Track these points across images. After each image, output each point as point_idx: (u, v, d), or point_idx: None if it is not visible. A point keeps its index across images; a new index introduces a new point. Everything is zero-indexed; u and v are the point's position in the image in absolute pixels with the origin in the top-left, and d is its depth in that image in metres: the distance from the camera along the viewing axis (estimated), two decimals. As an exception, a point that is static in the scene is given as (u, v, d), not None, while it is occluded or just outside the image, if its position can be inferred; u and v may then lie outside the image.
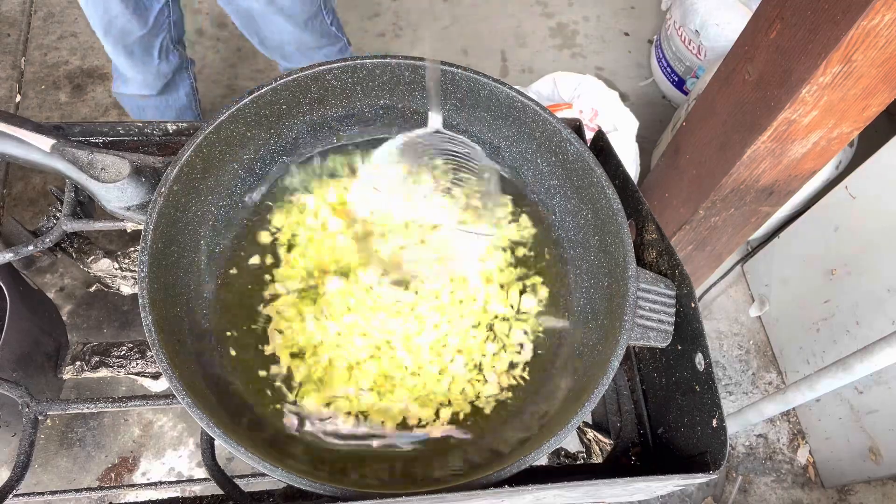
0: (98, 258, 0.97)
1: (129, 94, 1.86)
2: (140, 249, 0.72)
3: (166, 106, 1.92)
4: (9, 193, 2.17)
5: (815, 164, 1.16)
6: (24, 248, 0.87)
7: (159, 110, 1.92)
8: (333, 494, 0.65)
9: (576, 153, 0.85)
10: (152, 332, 0.69)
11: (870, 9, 0.80)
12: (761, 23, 1.02)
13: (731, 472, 1.98)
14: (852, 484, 1.89)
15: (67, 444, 1.82)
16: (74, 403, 0.84)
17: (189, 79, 1.95)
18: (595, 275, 0.86)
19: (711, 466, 0.71)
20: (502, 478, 0.68)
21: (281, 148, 0.90)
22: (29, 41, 2.52)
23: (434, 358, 0.85)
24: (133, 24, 1.61)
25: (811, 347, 1.93)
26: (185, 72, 1.92)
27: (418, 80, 0.89)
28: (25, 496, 0.86)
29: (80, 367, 0.95)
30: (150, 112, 1.92)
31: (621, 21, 2.86)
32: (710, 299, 2.22)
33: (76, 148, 0.78)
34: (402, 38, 2.70)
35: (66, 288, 2.03)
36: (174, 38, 1.78)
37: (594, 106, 1.89)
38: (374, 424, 0.80)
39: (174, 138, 0.94)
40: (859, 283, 1.73)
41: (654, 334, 0.78)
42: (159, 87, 1.83)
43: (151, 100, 1.88)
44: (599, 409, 0.94)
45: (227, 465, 1.73)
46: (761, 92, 1.04)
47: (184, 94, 1.94)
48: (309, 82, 0.85)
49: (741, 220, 1.35)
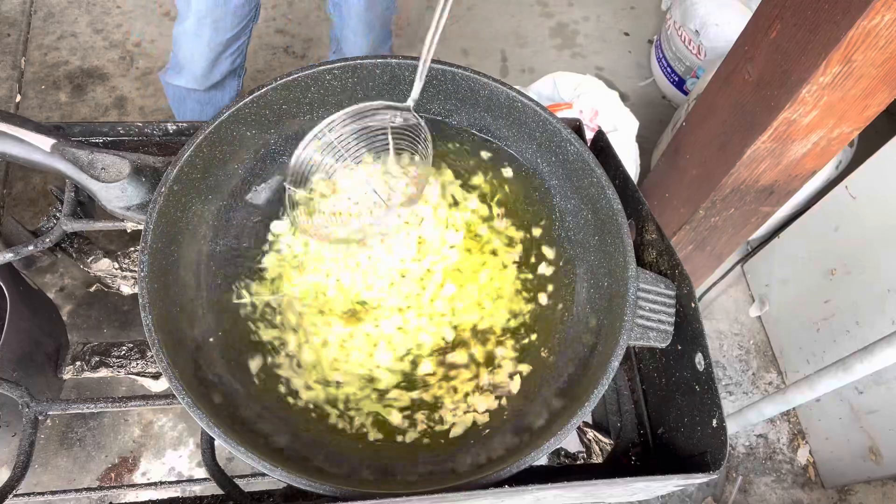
0: (98, 258, 0.97)
1: (178, 85, 1.86)
2: (140, 249, 0.72)
3: (208, 101, 1.92)
4: (9, 193, 2.17)
5: (815, 164, 1.16)
6: (24, 248, 0.87)
7: (200, 104, 1.92)
8: (333, 494, 0.65)
9: (576, 153, 0.85)
10: (152, 332, 0.69)
11: (870, 9, 0.80)
12: (761, 23, 1.02)
13: (731, 472, 1.98)
14: (852, 484, 1.89)
15: (67, 444, 1.82)
16: (74, 403, 0.84)
17: (238, 86, 1.96)
18: (595, 275, 0.86)
19: (711, 466, 0.71)
20: (502, 478, 0.68)
21: (281, 148, 0.90)
22: (29, 41, 2.52)
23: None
24: (228, 22, 1.65)
25: (811, 347, 1.93)
26: (237, 79, 1.94)
27: (418, 80, 0.89)
28: (25, 496, 0.86)
29: (80, 367, 0.95)
30: (191, 104, 1.92)
31: (621, 21, 2.86)
32: (710, 299, 2.22)
33: (76, 148, 0.78)
34: (402, 38, 2.70)
35: (66, 288, 2.03)
36: (247, 44, 1.81)
37: (594, 106, 1.89)
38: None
39: (174, 138, 0.94)
40: (859, 283, 1.73)
41: (654, 334, 0.78)
42: (208, 85, 1.84)
43: (196, 94, 1.88)
44: (599, 409, 0.94)
45: (227, 465, 1.73)
46: (761, 92, 1.04)
47: (228, 97, 1.95)
48: (309, 82, 0.85)
49: (741, 220, 1.34)
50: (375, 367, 0.85)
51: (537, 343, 0.88)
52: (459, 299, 0.89)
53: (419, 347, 0.86)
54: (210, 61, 1.75)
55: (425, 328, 0.87)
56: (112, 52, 2.53)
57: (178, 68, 1.80)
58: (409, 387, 0.84)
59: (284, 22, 2.69)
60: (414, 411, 0.82)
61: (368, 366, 0.85)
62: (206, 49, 1.71)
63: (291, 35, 2.66)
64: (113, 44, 2.54)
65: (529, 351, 0.87)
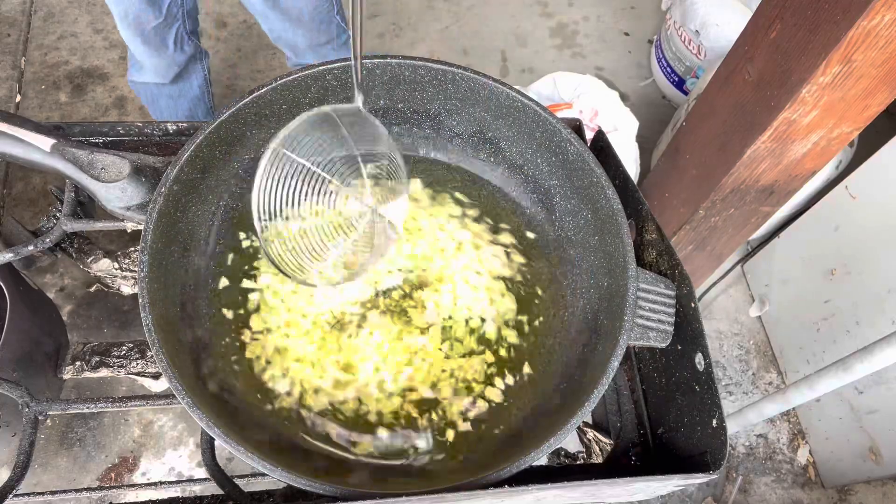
0: (98, 258, 0.97)
1: (144, 83, 1.88)
2: (140, 249, 0.72)
3: (179, 94, 1.93)
4: (9, 193, 2.17)
5: (815, 164, 1.16)
6: (24, 248, 0.87)
7: (172, 99, 1.93)
8: (333, 494, 0.65)
9: (576, 153, 0.85)
10: (152, 332, 0.69)
11: (870, 9, 0.80)
12: (761, 23, 1.02)
13: (731, 472, 1.98)
14: (852, 484, 1.89)
15: (67, 444, 1.82)
16: (74, 403, 0.84)
17: (203, 70, 1.97)
18: (595, 275, 0.86)
19: (711, 466, 0.71)
20: (502, 478, 0.68)
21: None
22: (29, 41, 2.52)
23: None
24: (148, 13, 1.64)
25: (811, 347, 1.93)
26: (199, 63, 1.94)
27: (418, 80, 0.89)
28: (25, 496, 0.86)
29: (80, 367, 0.95)
30: (164, 101, 1.93)
31: (621, 21, 2.86)
32: (710, 299, 2.22)
33: (76, 148, 0.78)
34: (402, 38, 2.70)
35: (66, 288, 2.02)
36: (188, 28, 1.80)
37: (594, 106, 1.89)
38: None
39: (174, 138, 0.94)
40: (859, 283, 1.73)
41: (654, 334, 0.78)
42: (172, 76, 1.85)
43: (165, 88, 1.89)
44: (599, 409, 0.94)
45: (227, 465, 1.73)
46: (761, 92, 1.04)
47: (196, 85, 1.96)
48: (309, 82, 0.85)
49: (741, 220, 1.34)
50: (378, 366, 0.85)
51: (538, 343, 0.88)
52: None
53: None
54: (156, 51, 1.75)
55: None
56: (112, 52, 2.53)
57: (137, 66, 1.83)
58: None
59: (284, 22, 2.69)
60: (421, 412, 0.82)
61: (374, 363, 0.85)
62: (140, 44, 1.71)
63: (291, 35, 2.66)
64: (113, 44, 2.54)
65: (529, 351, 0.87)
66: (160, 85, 1.88)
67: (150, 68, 1.81)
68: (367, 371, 0.84)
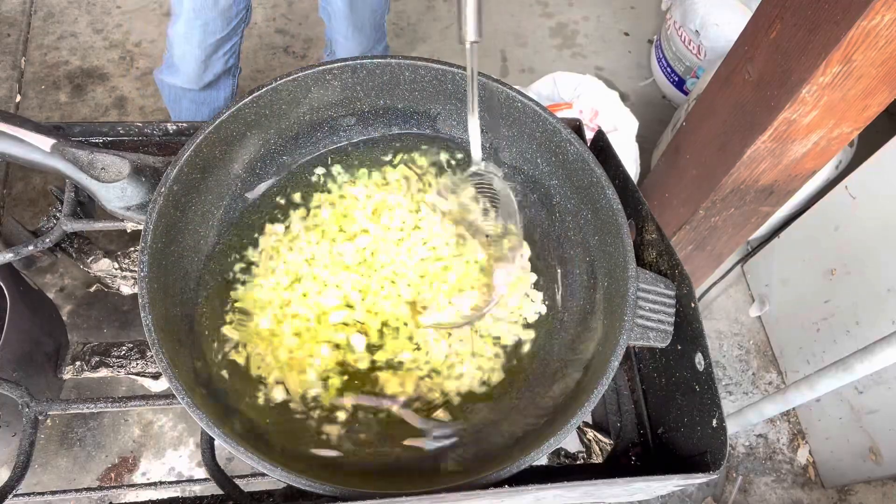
0: (98, 258, 0.97)
1: (172, 84, 1.87)
2: (140, 249, 0.72)
3: (203, 101, 1.92)
4: (9, 193, 2.17)
5: (815, 164, 1.16)
6: (24, 248, 0.87)
7: (195, 104, 1.92)
8: (333, 494, 0.65)
9: (576, 153, 0.85)
10: (152, 332, 0.69)
11: (870, 9, 0.80)
12: (761, 23, 1.02)
13: (731, 472, 1.98)
14: (852, 484, 1.89)
15: (67, 444, 1.82)
16: (74, 403, 0.84)
17: (233, 85, 1.97)
18: (595, 275, 0.86)
19: (711, 466, 0.71)
20: (502, 478, 0.68)
21: (281, 148, 0.90)
22: (29, 41, 2.52)
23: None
24: (217, 23, 1.66)
25: (811, 347, 1.93)
26: (232, 78, 1.94)
27: (418, 80, 0.89)
28: (25, 496, 0.86)
29: (80, 367, 0.95)
30: (186, 104, 1.92)
31: (621, 21, 2.86)
32: (710, 299, 2.22)
33: (76, 148, 0.78)
34: (402, 38, 2.70)
35: (66, 288, 2.03)
36: (239, 44, 1.82)
37: (594, 106, 1.89)
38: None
39: (174, 138, 0.94)
40: (859, 283, 1.73)
41: (654, 334, 0.78)
42: (203, 84, 1.85)
43: (191, 93, 1.89)
44: (599, 409, 0.94)
45: (227, 465, 1.73)
46: (761, 92, 1.04)
47: (223, 96, 1.95)
48: (309, 82, 0.85)
49: (741, 220, 1.34)
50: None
51: (537, 343, 0.88)
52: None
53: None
54: (202, 62, 1.76)
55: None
56: (112, 52, 2.53)
57: (172, 68, 1.82)
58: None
59: (284, 22, 2.69)
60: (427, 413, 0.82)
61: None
62: (197, 50, 1.71)
63: (291, 35, 2.66)
64: (113, 44, 2.54)
65: (529, 351, 0.87)
66: (188, 90, 1.87)
67: (184, 73, 1.81)
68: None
